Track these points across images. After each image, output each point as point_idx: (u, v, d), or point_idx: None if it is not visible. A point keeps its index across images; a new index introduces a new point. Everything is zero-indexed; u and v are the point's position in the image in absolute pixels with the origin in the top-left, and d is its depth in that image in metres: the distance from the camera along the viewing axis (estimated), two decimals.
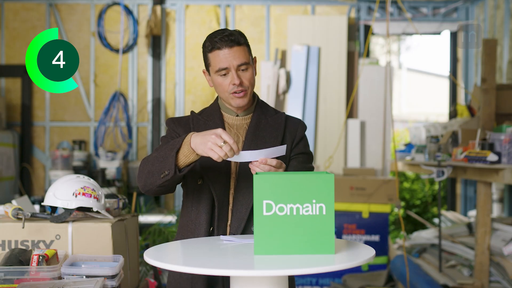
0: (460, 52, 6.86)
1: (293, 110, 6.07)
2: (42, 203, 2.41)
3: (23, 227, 2.28)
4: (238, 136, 2.15)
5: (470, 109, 4.98)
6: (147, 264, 3.70)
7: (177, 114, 6.44)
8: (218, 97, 2.23)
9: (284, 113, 2.22)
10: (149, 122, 6.49)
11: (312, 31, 6.24)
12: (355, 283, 4.91)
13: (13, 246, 2.28)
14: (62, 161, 5.90)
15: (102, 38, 6.22)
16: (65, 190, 2.31)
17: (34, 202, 4.14)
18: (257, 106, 2.20)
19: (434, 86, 16.70)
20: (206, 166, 2.08)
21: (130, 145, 6.36)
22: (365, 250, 1.77)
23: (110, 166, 5.94)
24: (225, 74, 2.07)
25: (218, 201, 2.07)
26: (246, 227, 2.06)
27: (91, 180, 2.41)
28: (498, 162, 3.65)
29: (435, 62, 20.47)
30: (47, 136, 6.47)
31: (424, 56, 19.49)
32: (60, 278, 2.07)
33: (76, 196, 2.30)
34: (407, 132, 8.65)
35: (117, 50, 6.27)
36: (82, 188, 2.33)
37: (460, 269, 4.37)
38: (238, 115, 2.17)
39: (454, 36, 6.86)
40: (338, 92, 6.20)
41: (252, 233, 2.04)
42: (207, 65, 2.12)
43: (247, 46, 2.11)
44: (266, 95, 6.11)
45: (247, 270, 1.56)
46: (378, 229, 5.25)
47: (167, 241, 4.38)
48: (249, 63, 2.09)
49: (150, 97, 6.48)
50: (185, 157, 1.94)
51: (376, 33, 6.64)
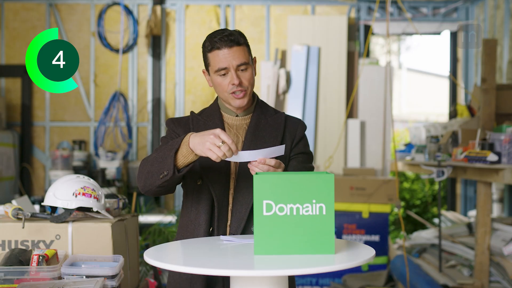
0: (460, 52, 6.86)
1: (293, 110, 6.07)
2: (42, 203, 2.41)
3: (23, 227, 2.28)
4: (238, 136, 2.15)
5: (470, 109, 4.98)
6: (147, 264, 3.70)
7: (177, 114, 6.44)
8: (218, 97, 2.22)
9: (283, 113, 2.22)
10: (149, 122, 6.49)
11: (312, 31, 6.24)
12: (355, 283, 4.91)
13: (13, 246, 2.28)
14: (62, 161, 5.90)
15: (102, 38, 6.22)
16: (65, 190, 2.31)
17: (34, 202, 4.14)
18: (256, 106, 2.20)
19: (434, 86, 16.70)
20: (205, 167, 2.07)
21: (130, 145, 6.36)
22: (365, 250, 1.77)
23: (110, 166, 5.94)
24: (224, 74, 2.07)
25: (218, 201, 2.07)
26: (245, 227, 2.06)
27: (91, 180, 2.41)
28: (498, 162, 3.65)
29: (435, 62, 20.49)
30: (47, 136, 6.47)
31: (424, 56, 19.51)
32: (60, 278, 2.07)
33: (76, 196, 2.30)
34: (407, 132, 8.65)
35: (117, 50, 6.26)
36: (82, 188, 2.33)
37: (460, 269, 4.37)
38: (237, 115, 2.17)
39: (454, 36, 6.86)
40: (338, 92, 6.20)
41: (251, 233, 2.04)
42: (207, 65, 2.12)
43: (247, 46, 2.11)
44: (266, 95, 6.11)
45: (247, 270, 1.56)
46: (378, 229, 5.25)
47: (167, 241, 4.38)
48: (248, 63, 2.08)
49: (150, 97, 6.48)
50: (183, 157, 1.94)
51: (376, 33, 6.64)
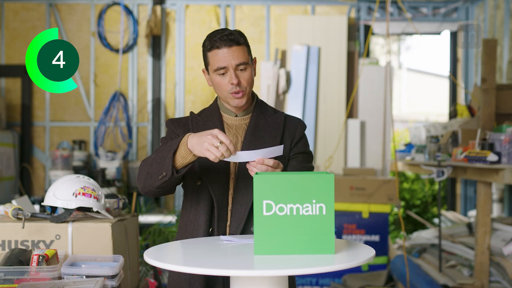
0: (460, 52, 6.85)
1: (293, 110, 6.07)
2: (42, 203, 2.41)
3: (23, 227, 2.28)
4: (237, 136, 2.14)
5: (470, 109, 4.98)
6: (147, 264, 3.70)
7: (177, 114, 6.44)
8: (217, 97, 2.22)
9: (283, 112, 2.22)
10: (149, 122, 6.49)
11: (312, 31, 6.24)
12: (355, 283, 4.91)
13: (13, 246, 2.28)
14: (62, 161, 5.90)
15: (102, 38, 6.22)
16: (65, 190, 2.31)
17: (34, 202, 4.14)
18: (256, 106, 2.19)
19: (434, 86, 16.69)
20: (205, 167, 2.07)
21: (130, 145, 6.36)
22: (365, 250, 1.77)
23: (110, 166, 5.94)
24: (223, 74, 2.07)
25: (217, 201, 2.07)
26: (245, 227, 2.06)
27: (91, 180, 2.41)
28: (498, 162, 3.65)
29: (435, 62, 20.48)
30: (47, 136, 6.47)
31: (424, 56, 19.51)
32: (60, 278, 2.07)
33: (76, 196, 2.30)
34: (407, 132, 8.65)
35: (117, 50, 6.26)
36: (82, 188, 2.33)
37: (460, 269, 4.37)
38: (237, 116, 2.17)
39: (454, 36, 6.86)
40: (338, 92, 6.20)
41: (251, 233, 2.04)
42: (206, 64, 2.12)
43: (247, 46, 2.10)
44: (266, 95, 6.11)
45: (247, 270, 1.56)
46: (378, 229, 5.25)
47: (167, 241, 4.38)
48: (248, 63, 2.08)
49: (150, 97, 6.48)
50: (182, 158, 1.94)
51: (376, 33, 6.64)
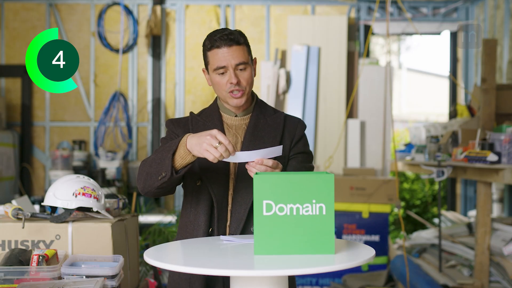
0: (460, 52, 6.85)
1: (293, 110, 6.07)
2: (42, 203, 2.41)
3: (23, 227, 2.28)
4: (237, 136, 2.14)
5: (470, 109, 4.98)
6: (147, 264, 3.70)
7: (177, 114, 6.44)
8: (217, 97, 2.22)
9: (283, 112, 2.21)
10: (149, 122, 6.49)
11: (312, 31, 6.24)
12: (355, 283, 4.91)
13: (13, 246, 2.28)
14: (62, 161, 5.90)
15: (102, 38, 6.22)
16: (65, 190, 2.31)
17: (34, 202, 4.14)
18: (256, 106, 2.19)
19: (434, 86, 16.69)
20: (204, 167, 2.07)
21: (130, 145, 6.36)
22: (365, 250, 1.77)
23: (110, 166, 5.94)
24: (223, 73, 2.07)
25: (217, 202, 2.07)
26: (245, 228, 2.06)
27: (91, 180, 2.41)
28: (498, 162, 3.65)
29: (435, 62, 20.48)
30: (47, 136, 6.47)
31: (424, 56, 19.50)
32: (60, 278, 2.07)
33: (76, 196, 2.30)
34: (407, 132, 8.65)
35: (117, 50, 6.26)
36: (82, 188, 2.33)
37: (460, 269, 4.37)
38: (237, 116, 2.17)
39: (454, 36, 6.86)
40: (338, 92, 6.20)
41: (251, 233, 2.04)
42: (206, 63, 2.12)
43: (247, 46, 2.10)
44: (266, 95, 6.11)
45: (247, 270, 1.56)
46: (378, 229, 5.25)
47: (167, 241, 4.38)
48: (247, 63, 2.08)
49: (150, 97, 6.48)
50: (181, 158, 1.94)
51: (376, 33, 6.64)
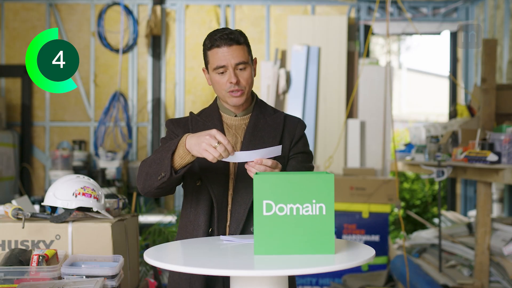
0: (460, 52, 6.85)
1: (293, 110, 6.07)
2: (42, 203, 2.41)
3: (23, 227, 2.28)
4: (237, 136, 2.14)
5: (470, 109, 4.98)
6: (147, 264, 3.70)
7: (177, 114, 6.44)
8: (217, 97, 2.22)
9: (283, 112, 2.21)
10: (149, 122, 6.49)
11: (312, 31, 6.24)
12: (355, 283, 4.91)
13: (13, 246, 2.28)
14: (62, 161, 5.90)
15: (102, 38, 6.22)
16: (65, 190, 2.31)
17: (34, 202, 4.14)
18: (255, 106, 2.19)
19: (434, 86, 16.69)
20: (204, 167, 2.07)
21: (130, 145, 6.36)
22: (365, 250, 1.77)
23: (110, 166, 5.94)
24: (222, 72, 2.07)
25: (217, 202, 2.07)
26: (244, 228, 2.06)
27: (91, 180, 2.41)
28: (498, 162, 3.65)
29: (435, 62, 20.49)
30: (47, 136, 6.47)
31: (424, 56, 19.50)
32: (60, 278, 2.07)
33: (76, 196, 2.30)
34: (407, 132, 8.65)
35: (117, 50, 6.26)
36: (82, 188, 2.33)
37: (460, 269, 4.37)
38: (236, 115, 2.17)
39: (454, 36, 6.86)
40: (338, 92, 6.20)
41: (251, 233, 2.04)
42: (206, 62, 2.12)
43: (247, 46, 2.10)
44: (266, 95, 6.11)
45: (247, 270, 1.56)
46: (378, 229, 5.25)
47: (167, 241, 4.38)
48: (247, 63, 2.08)
49: (150, 97, 6.48)
50: (180, 158, 1.94)
51: (376, 33, 6.64)
